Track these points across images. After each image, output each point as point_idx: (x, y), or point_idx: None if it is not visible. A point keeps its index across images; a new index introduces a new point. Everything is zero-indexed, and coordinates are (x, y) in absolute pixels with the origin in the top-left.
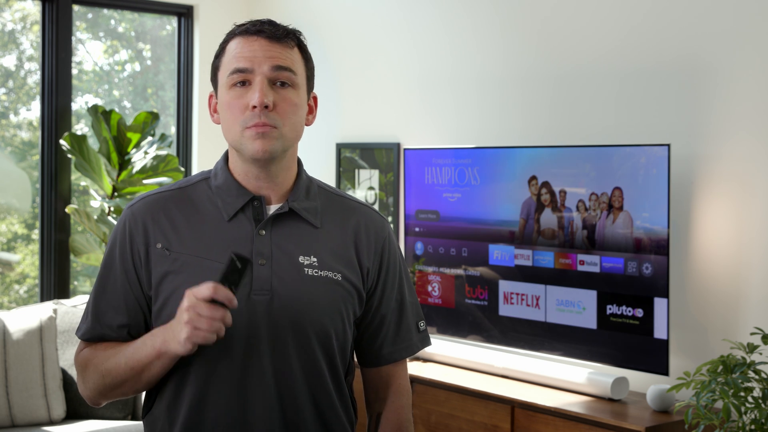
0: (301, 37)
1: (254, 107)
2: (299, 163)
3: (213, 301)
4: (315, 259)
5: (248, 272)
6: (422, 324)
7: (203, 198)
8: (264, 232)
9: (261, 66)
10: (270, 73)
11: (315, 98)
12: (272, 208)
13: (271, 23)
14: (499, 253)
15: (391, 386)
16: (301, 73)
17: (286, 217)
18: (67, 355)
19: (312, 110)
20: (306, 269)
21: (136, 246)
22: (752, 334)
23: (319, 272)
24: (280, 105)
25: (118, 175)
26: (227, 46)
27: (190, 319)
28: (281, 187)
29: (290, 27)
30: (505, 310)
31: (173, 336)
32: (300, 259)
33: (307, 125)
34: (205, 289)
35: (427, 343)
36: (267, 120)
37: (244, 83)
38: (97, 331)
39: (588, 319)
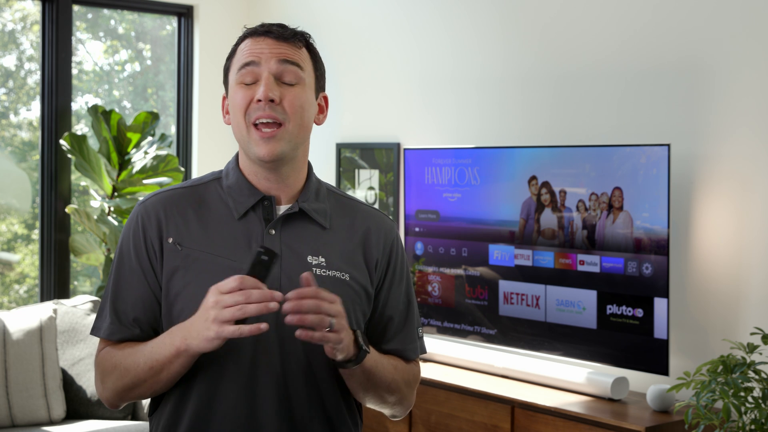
0: (311, 39)
1: (259, 101)
2: (309, 166)
3: None
4: (323, 260)
5: (275, 266)
6: (420, 331)
7: (214, 197)
8: (273, 231)
9: (268, 61)
10: (277, 68)
11: (326, 98)
12: (282, 208)
13: (280, 25)
14: (499, 253)
15: None
16: (308, 70)
17: (296, 217)
18: (67, 355)
19: (323, 110)
20: (314, 269)
21: (150, 239)
22: (752, 334)
23: (327, 272)
24: (287, 100)
25: (118, 175)
26: (237, 48)
27: (215, 316)
28: (291, 188)
29: (299, 29)
30: (505, 310)
31: (197, 334)
32: (308, 258)
33: (317, 124)
34: (231, 280)
35: (424, 350)
36: (272, 113)
37: (252, 83)
38: (117, 328)
39: (588, 319)
